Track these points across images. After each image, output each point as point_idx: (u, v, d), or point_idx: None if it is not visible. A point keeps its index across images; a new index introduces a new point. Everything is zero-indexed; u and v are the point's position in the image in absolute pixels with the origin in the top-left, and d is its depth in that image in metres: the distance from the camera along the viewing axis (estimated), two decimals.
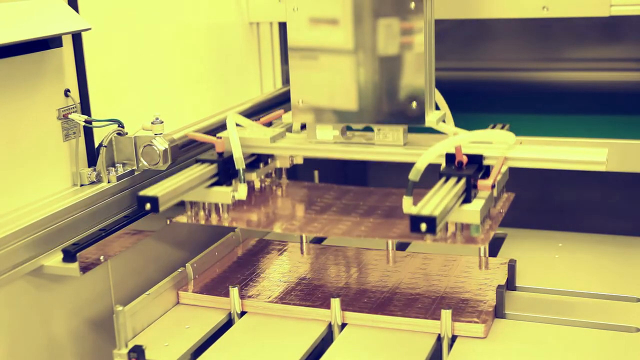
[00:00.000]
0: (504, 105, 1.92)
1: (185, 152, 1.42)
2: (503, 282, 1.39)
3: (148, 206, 1.19)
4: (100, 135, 1.33)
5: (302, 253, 1.57)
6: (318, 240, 1.70)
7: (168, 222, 1.43)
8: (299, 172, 1.95)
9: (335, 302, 1.28)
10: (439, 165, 1.23)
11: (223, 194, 1.33)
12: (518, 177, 2.10)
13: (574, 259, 1.52)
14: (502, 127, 1.37)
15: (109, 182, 1.32)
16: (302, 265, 1.51)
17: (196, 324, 1.32)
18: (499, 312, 1.30)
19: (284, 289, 1.40)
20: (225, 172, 1.34)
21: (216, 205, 1.34)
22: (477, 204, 1.16)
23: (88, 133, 1.32)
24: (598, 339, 1.23)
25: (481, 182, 1.18)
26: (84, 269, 1.21)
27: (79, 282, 1.27)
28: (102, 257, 1.26)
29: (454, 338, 1.24)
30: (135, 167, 1.36)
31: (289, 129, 1.44)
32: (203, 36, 1.63)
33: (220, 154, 1.35)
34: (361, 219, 1.35)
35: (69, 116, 1.27)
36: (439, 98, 1.38)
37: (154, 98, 1.28)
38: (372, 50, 1.30)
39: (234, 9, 1.76)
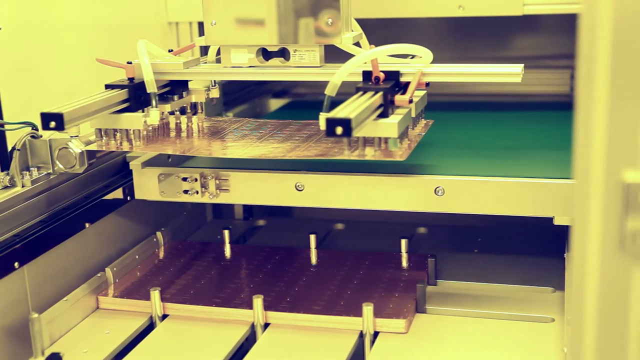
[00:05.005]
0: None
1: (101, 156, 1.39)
2: (424, 277, 1.41)
3: (53, 124, 1.15)
4: (13, 139, 1.30)
5: (224, 254, 1.56)
6: (243, 240, 1.69)
7: (87, 226, 1.41)
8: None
9: (258, 302, 1.28)
10: None
11: (134, 119, 1.28)
12: None
13: (492, 253, 1.56)
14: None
15: (23, 186, 1.29)
16: (224, 266, 1.50)
17: (116, 328, 1.30)
18: (419, 307, 1.32)
19: (206, 290, 1.39)
20: (137, 98, 1.30)
21: (128, 133, 1.30)
22: (395, 118, 1.16)
23: (0, 136, 1.28)
24: (515, 330, 1.26)
25: (398, 98, 1.19)
26: None
27: None
28: (16, 264, 1.23)
29: (376, 334, 1.25)
30: (51, 171, 1.33)
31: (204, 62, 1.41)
32: (120, 36, 1.60)
33: (131, 80, 1.32)
34: (279, 144, 1.33)
35: None
36: (356, 26, 1.36)
37: (69, 99, 1.26)
38: None
39: (152, 9, 1.73)
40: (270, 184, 1.33)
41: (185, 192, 1.37)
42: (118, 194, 1.49)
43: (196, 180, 1.35)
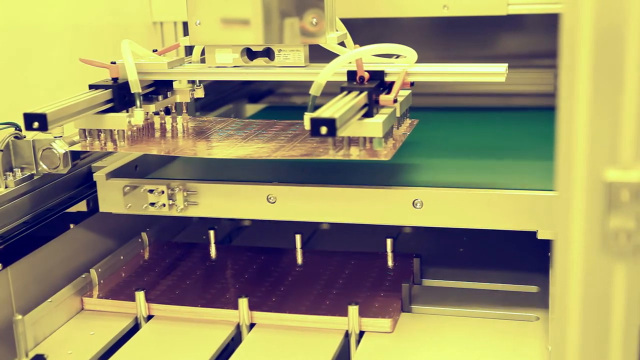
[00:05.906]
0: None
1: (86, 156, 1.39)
2: (409, 277, 1.41)
3: (36, 124, 1.14)
4: None
5: (209, 254, 1.56)
6: (228, 240, 1.69)
7: (71, 227, 1.40)
8: None
9: (243, 303, 1.28)
10: None
11: (118, 120, 1.27)
12: None
13: (477, 253, 1.56)
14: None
15: (6, 187, 1.28)
16: (209, 266, 1.50)
17: (101, 330, 1.29)
18: (405, 306, 1.33)
19: (191, 291, 1.39)
20: (121, 98, 1.29)
21: (112, 134, 1.29)
22: (379, 118, 1.16)
23: None
24: (500, 329, 1.26)
25: (383, 97, 1.19)
26: None
27: None
28: (0, 265, 1.22)
29: (361, 334, 1.25)
30: (34, 172, 1.33)
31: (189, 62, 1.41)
32: (104, 36, 1.60)
33: (115, 80, 1.31)
34: (264, 144, 1.33)
35: None
36: (340, 26, 1.36)
37: (53, 99, 1.25)
38: None
39: (136, 8, 1.73)
40: (241, 196, 1.30)
41: (152, 204, 1.32)
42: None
43: (163, 192, 1.32)
